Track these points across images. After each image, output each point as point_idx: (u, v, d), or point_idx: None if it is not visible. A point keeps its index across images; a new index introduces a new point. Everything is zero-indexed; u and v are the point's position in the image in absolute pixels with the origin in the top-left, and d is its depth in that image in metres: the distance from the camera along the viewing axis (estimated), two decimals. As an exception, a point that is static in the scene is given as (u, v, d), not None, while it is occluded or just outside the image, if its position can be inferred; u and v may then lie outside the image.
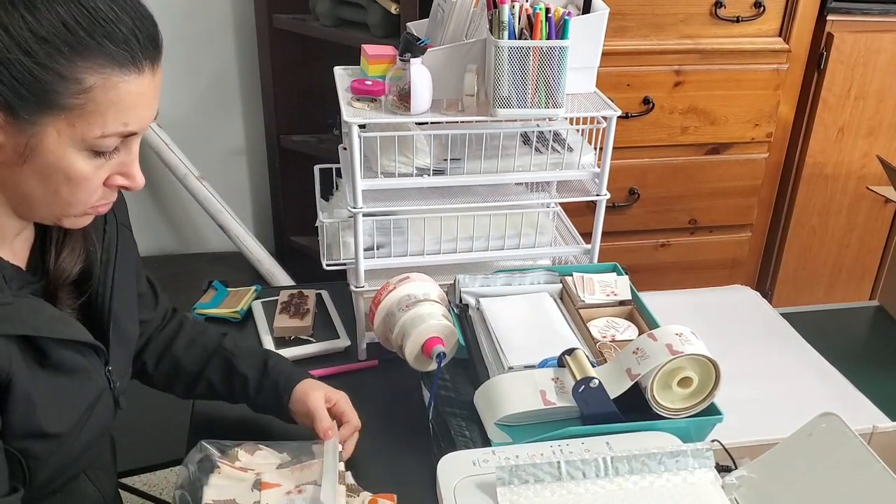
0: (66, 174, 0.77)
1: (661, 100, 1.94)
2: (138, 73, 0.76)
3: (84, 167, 0.78)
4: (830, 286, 2.30)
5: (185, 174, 2.61)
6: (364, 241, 1.19)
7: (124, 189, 0.84)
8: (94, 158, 0.78)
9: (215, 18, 2.55)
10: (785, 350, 1.34)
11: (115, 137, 0.78)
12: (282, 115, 2.55)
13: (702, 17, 1.89)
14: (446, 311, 1.11)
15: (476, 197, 1.26)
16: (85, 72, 0.73)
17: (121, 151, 0.80)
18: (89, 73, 0.73)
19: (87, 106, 0.74)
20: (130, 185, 0.83)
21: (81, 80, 0.73)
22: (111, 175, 0.81)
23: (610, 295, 1.21)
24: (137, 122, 0.79)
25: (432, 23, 1.29)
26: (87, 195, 0.81)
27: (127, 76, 0.76)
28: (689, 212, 2.11)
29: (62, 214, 0.82)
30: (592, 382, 0.98)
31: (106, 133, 0.76)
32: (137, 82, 0.77)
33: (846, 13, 1.96)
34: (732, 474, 0.95)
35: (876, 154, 2.08)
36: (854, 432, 0.89)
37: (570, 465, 0.91)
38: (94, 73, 0.74)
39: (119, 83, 0.75)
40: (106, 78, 0.74)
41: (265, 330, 1.32)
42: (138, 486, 1.77)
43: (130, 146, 0.81)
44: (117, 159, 0.80)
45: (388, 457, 1.07)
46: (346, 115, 1.12)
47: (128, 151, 0.81)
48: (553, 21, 1.08)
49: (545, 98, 1.12)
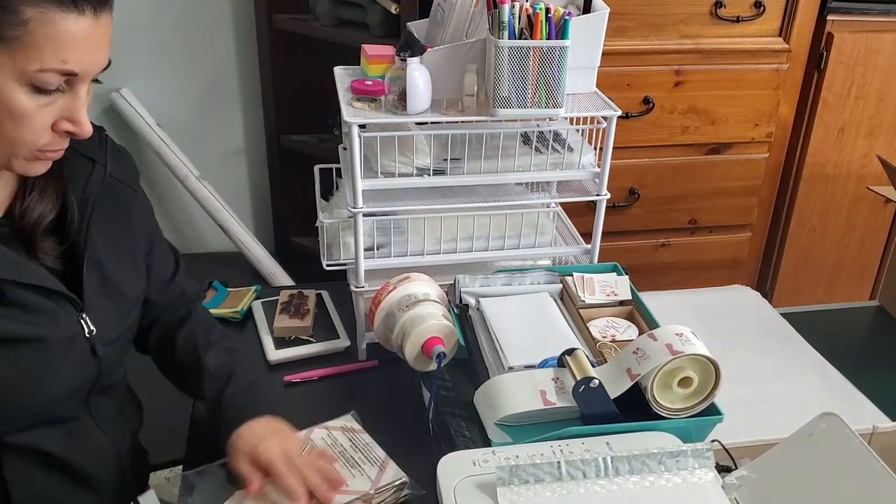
0: (7, 108, 0.78)
1: (661, 100, 1.94)
2: (78, 14, 0.78)
3: (26, 102, 0.79)
4: (830, 286, 2.30)
5: (185, 174, 2.61)
6: (364, 241, 1.19)
7: (71, 135, 0.85)
8: (36, 95, 0.79)
9: (215, 18, 2.55)
10: (785, 350, 1.34)
11: (54, 74, 0.78)
12: (282, 115, 2.55)
13: (702, 17, 1.89)
14: (446, 311, 1.11)
15: (476, 197, 1.26)
16: (23, 4, 0.75)
17: (66, 94, 0.81)
18: (27, 5, 0.75)
19: (24, 38, 0.76)
20: (77, 130, 0.84)
21: (19, 11, 0.75)
22: (58, 119, 0.82)
23: (610, 295, 1.21)
24: (78, 62, 0.79)
25: (432, 23, 1.29)
26: (30, 135, 0.81)
27: (65, 13, 0.77)
28: (689, 212, 2.11)
29: (10, 154, 0.83)
30: (592, 382, 0.98)
31: (44, 67, 0.77)
32: (77, 22, 0.78)
33: (846, 13, 1.96)
34: (732, 474, 0.95)
35: (876, 154, 2.09)
36: (854, 432, 0.89)
37: (571, 466, 0.91)
38: (31, 6, 0.75)
39: (56, 19, 0.76)
40: (43, 12, 0.76)
41: (265, 330, 1.32)
42: (138, 486, 1.77)
43: (76, 89, 0.82)
44: (62, 102, 0.82)
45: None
46: (346, 115, 1.12)
47: (74, 95, 0.82)
48: (553, 21, 1.08)
49: (545, 98, 1.12)
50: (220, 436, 1.00)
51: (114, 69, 0.87)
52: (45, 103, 0.80)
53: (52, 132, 0.83)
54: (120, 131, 2.67)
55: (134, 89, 2.58)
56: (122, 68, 2.54)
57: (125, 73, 2.55)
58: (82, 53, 0.80)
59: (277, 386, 1.22)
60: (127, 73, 2.55)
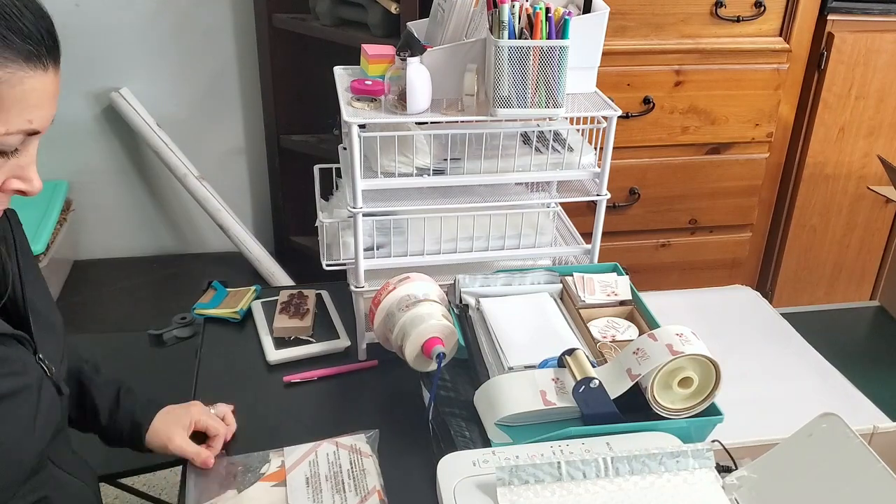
0: None
1: (661, 100, 1.94)
2: (44, 70, 0.75)
3: None
4: (831, 286, 2.30)
5: (185, 174, 2.61)
6: (364, 241, 1.19)
7: (21, 193, 0.80)
8: None
9: (215, 18, 2.55)
10: (785, 350, 1.34)
11: (18, 136, 0.75)
12: (282, 115, 2.55)
13: (702, 17, 1.89)
14: (446, 312, 1.11)
15: (476, 197, 1.26)
16: None
17: (20, 152, 0.77)
18: None
19: None
20: (27, 189, 0.80)
21: None
22: (7, 179, 0.78)
23: (610, 295, 1.21)
24: (40, 120, 0.76)
25: (432, 23, 1.29)
26: None
27: (33, 72, 0.74)
28: (690, 212, 2.11)
29: None
30: (592, 383, 0.98)
31: (10, 130, 0.74)
32: (42, 80, 0.75)
33: (846, 13, 1.96)
34: (733, 474, 0.95)
35: (876, 154, 2.09)
36: (854, 432, 0.89)
37: (571, 466, 0.91)
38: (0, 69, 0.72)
39: (24, 78, 0.73)
40: (12, 73, 0.72)
41: (265, 330, 1.32)
42: (138, 486, 1.77)
43: (29, 147, 0.78)
44: (15, 161, 0.77)
45: (388, 457, 1.07)
46: (346, 115, 1.11)
47: (26, 153, 0.78)
48: (553, 21, 1.08)
49: (545, 98, 1.12)
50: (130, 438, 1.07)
51: (114, 69, 0.87)
52: (1, 165, 0.76)
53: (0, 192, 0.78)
54: (120, 131, 2.68)
55: (133, 89, 2.58)
56: (121, 68, 2.54)
57: (125, 72, 2.55)
58: (45, 110, 0.76)
59: (277, 386, 1.22)
60: (127, 72, 2.55)
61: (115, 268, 2.85)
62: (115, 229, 2.85)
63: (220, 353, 1.30)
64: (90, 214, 2.80)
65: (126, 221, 2.85)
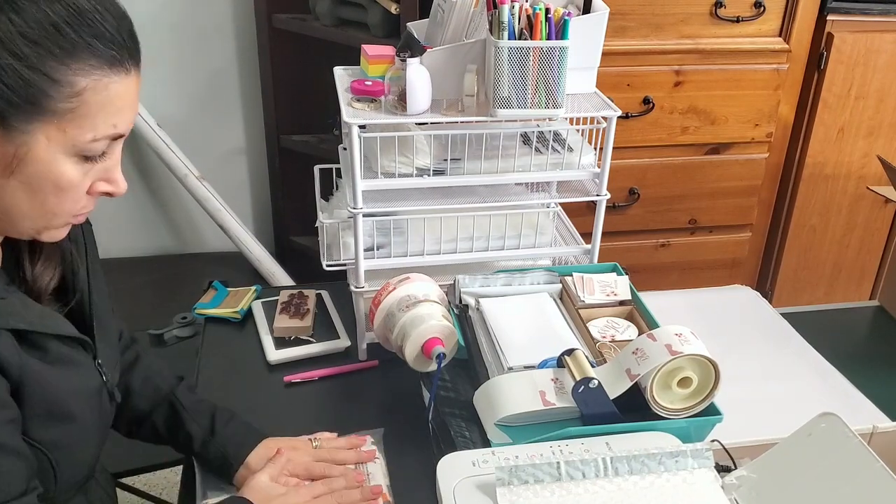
0: (55, 183, 0.75)
1: (661, 100, 1.94)
2: (126, 73, 0.76)
3: (73, 174, 0.76)
4: (830, 286, 2.30)
5: (185, 174, 2.61)
6: (364, 241, 1.19)
7: (107, 195, 0.82)
8: (82, 164, 0.76)
9: (215, 18, 2.55)
10: (785, 350, 1.34)
11: (104, 141, 0.76)
12: (282, 115, 2.55)
13: (702, 17, 1.89)
14: (446, 312, 1.11)
15: (476, 197, 1.26)
16: (77, 74, 0.72)
17: (106, 156, 0.78)
18: (81, 74, 0.72)
19: (78, 109, 0.73)
20: (114, 190, 0.81)
21: (73, 83, 0.72)
22: (95, 182, 0.80)
23: (610, 295, 1.21)
24: (125, 123, 0.77)
25: (432, 23, 1.29)
26: (72, 204, 0.79)
27: (116, 76, 0.75)
28: (689, 212, 2.11)
29: (44, 227, 0.80)
30: (592, 383, 0.98)
31: (97, 136, 0.75)
32: (126, 83, 0.76)
33: (846, 13, 1.95)
34: (732, 474, 0.95)
35: (876, 154, 2.08)
36: (854, 432, 0.89)
37: (570, 466, 0.91)
38: (86, 76, 0.72)
39: (109, 84, 0.74)
40: (97, 80, 0.73)
41: (265, 330, 1.32)
42: (138, 486, 1.77)
43: (115, 150, 0.80)
44: (101, 165, 0.78)
45: (388, 457, 1.07)
46: (346, 115, 1.12)
47: (112, 156, 0.80)
48: (553, 21, 1.08)
49: (545, 98, 1.12)
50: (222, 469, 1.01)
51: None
52: (89, 170, 0.77)
53: (87, 195, 0.80)
54: (120, 131, 2.67)
55: (134, 89, 2.58)
56: (122, 68, 2.54)
57: (125, 73, 2.54)
58: (129, 114, 0.78)
59: (277, 386, 1.22)
60: (127, 73, 2.54)
61: (115, 268, 2.84)
62: (116, 229, 2.85)
63: (221, 352, 1.30)
64: (90, 215, 2.80)
65: (126, 221, 2.85)
